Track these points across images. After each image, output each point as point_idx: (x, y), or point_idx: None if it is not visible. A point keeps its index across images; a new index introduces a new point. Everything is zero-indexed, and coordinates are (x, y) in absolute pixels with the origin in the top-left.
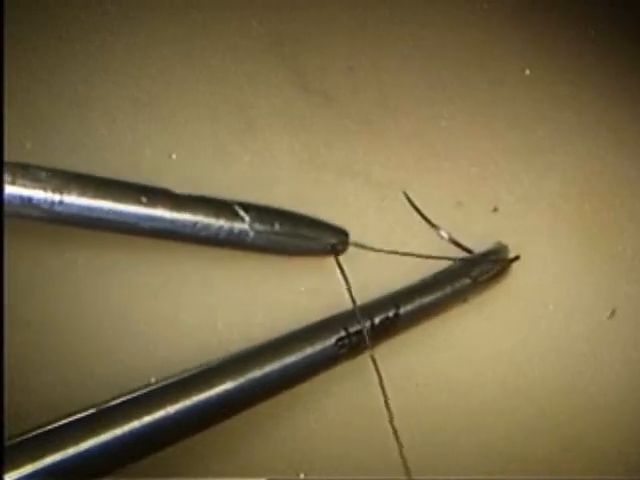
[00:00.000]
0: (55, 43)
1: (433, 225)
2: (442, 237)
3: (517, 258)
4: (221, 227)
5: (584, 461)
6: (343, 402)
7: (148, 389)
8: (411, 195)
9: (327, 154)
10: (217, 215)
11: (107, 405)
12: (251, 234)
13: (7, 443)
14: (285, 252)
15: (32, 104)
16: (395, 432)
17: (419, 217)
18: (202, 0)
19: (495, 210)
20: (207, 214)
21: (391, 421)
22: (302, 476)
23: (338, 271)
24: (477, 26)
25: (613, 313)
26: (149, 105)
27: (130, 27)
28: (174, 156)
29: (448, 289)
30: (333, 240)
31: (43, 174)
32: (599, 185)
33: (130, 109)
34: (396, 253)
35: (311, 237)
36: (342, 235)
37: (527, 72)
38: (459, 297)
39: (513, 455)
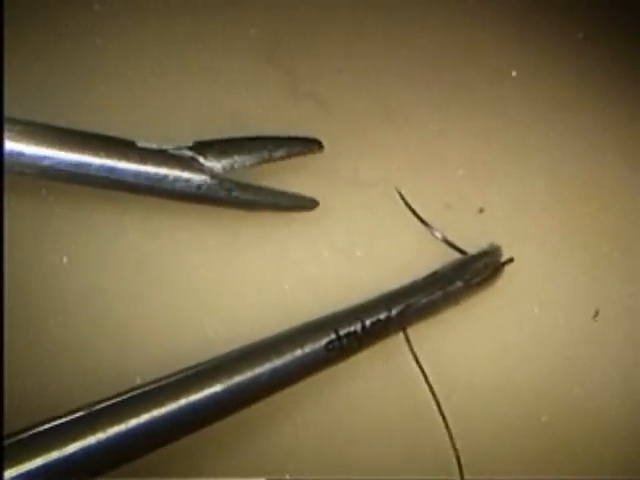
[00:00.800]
0: (54, 40)
1: (427, 225)
2: (436, 237)
3: (511, 260)
4: (187, 180)
5: (572, 462)
6: (332, 404)
7: (136, 391)
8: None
9: (317, 156)
10: (181, 168)
11: (94, 408)
12: (213, 186)
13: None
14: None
15: (31, 101)
16: None
17: (410, 217)
18: (195, 1)
19: (481, 211)
20: (171, 167)
21: None
22: (287, 477)
23: None
24: (471, 26)
25: (597, 314)
26: (141, 107)
27: (122, 27)
28: None
29: (440, 292)
30: None
31: None
32: (599, 188)
33: (122, 111)
34: None
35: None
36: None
37: (514, 73)
38: (451, 300)
39: (501, 456)
